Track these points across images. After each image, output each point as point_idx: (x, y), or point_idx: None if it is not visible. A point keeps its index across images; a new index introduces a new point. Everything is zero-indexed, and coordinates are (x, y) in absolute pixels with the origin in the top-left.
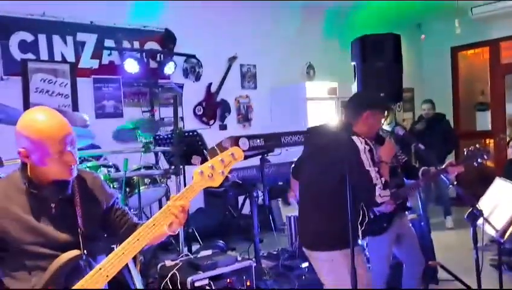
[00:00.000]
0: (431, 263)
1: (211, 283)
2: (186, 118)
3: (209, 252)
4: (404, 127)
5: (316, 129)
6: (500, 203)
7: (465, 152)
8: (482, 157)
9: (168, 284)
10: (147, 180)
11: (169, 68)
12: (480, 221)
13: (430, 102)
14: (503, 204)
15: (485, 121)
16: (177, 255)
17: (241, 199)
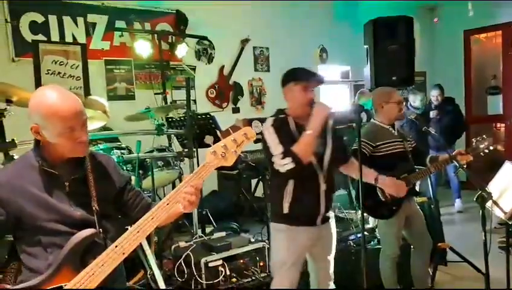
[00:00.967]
0: (440, 245)
1: (225, 263)
2: (198, 101)
3: (222, 234)
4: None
5: None
6: (509, 186)
7: (474, 142)
8: (488, 147)
9: (182, 265)
10: (160, 163)
11: (182, 50)
12: (489, 204)
13: (439, 87)
14: None
15: (496, 105)
16: (191, 237)
17: (254, 182)
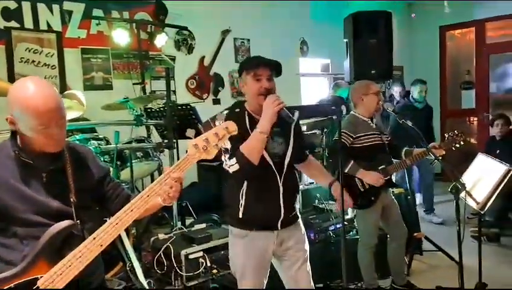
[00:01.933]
0: (416, 234)
1: (205, 255)
2: (178, 92)
3: (203, 226)
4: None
5: None
6: (481, 177)
7: (446, 137)
8: (459, 142)
9: (161, 257)
10: (139, 154)
11: (161, 40)
12: (462, 194)
13: (425, 83)
14: (485, 179)
15: (470, 99)
16: (170, 229)
17: None
